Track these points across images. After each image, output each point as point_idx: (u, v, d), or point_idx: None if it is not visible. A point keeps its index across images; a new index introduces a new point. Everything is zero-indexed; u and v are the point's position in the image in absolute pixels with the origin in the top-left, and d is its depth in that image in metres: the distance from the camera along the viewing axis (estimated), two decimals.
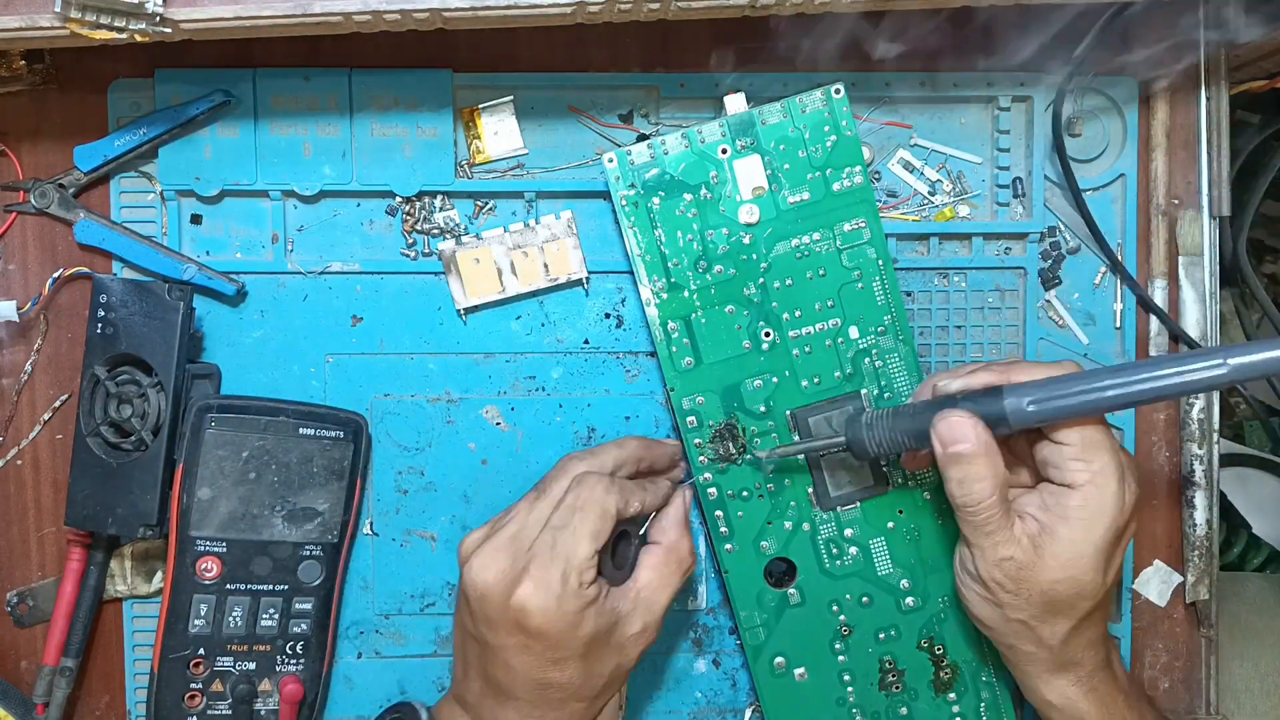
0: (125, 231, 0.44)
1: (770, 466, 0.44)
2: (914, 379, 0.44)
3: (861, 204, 0.43)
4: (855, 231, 0.43)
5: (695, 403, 0.44)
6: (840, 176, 0.43)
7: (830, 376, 0.44)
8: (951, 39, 0.45)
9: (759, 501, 0.44)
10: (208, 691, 0.44)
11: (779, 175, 0.43)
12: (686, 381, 0.44)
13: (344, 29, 0.38)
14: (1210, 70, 0.46)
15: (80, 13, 0.36)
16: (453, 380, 0.46)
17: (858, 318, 0.43)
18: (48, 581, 0.46)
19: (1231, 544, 0.59)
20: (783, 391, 0.44)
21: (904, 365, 0.44)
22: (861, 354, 0.44)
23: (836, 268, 0.43)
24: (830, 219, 0.43)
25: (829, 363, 0.44)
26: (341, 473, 0.44)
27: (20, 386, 0.45)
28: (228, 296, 0.44)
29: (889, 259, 0.43)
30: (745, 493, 0.44)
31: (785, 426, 0.44)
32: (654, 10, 0.38)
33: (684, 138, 0.43)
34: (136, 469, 0.42)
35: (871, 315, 0.43)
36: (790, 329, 0.43)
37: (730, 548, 0.44)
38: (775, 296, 0.43)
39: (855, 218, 0.43)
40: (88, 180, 0.44)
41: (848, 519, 0.44)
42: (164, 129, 0.43)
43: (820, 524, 0.44)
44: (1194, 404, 0.46)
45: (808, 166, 0.43)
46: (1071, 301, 0.46)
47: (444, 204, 0.45)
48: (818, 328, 0.43)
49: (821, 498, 0.44)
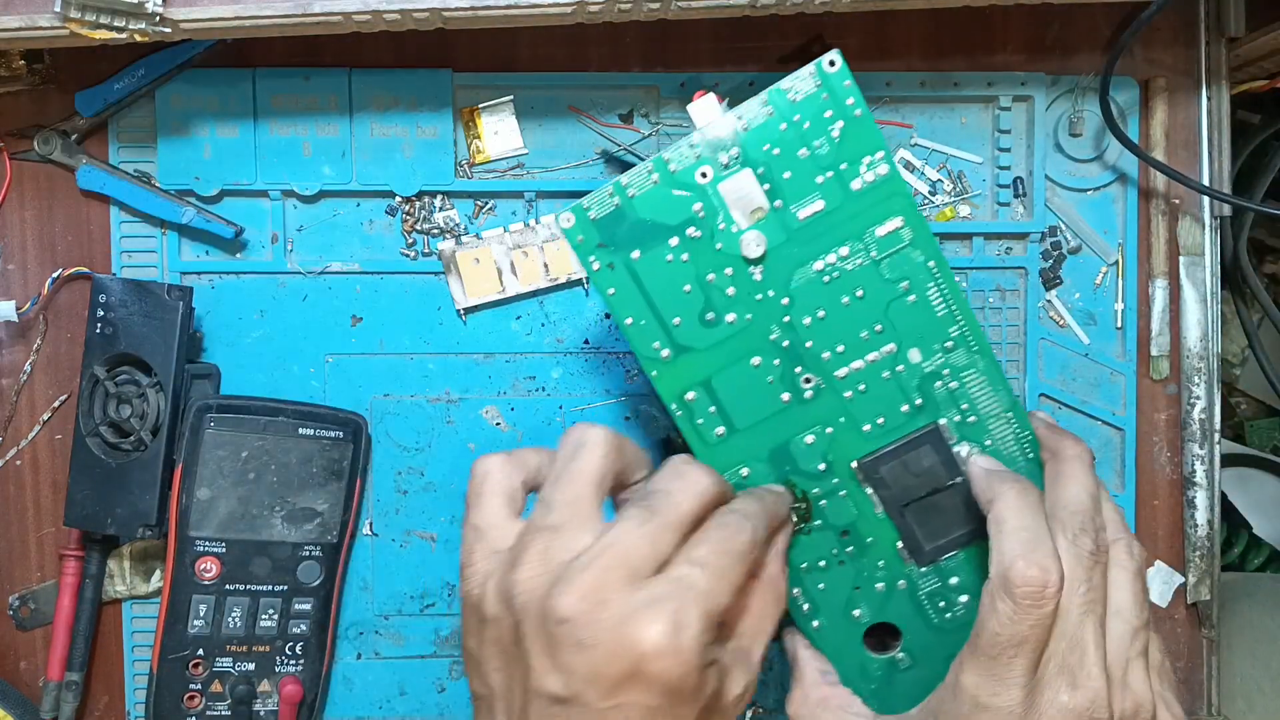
0: (125, 176, 0.44)
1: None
2: (1000, 391, 0.36)
3: (893, 198, 0.35)
4: (892, 234, 0.35)
5: (740, 476, 0.36)
6: (858, 170, 0.34)
7: (897, 413, 0.36)
8: (952, 38, 0.46)
9: (840, 569, 0.37)
10: (207, 692, 0.44)
11: (781, 188, 0.34)
12: (723, 455, 0.36)
13: (344, 29, 0.38)
14: (1210, 70, 0.46)
15: (80, 13, 0.36)
16: (452, 380, 0.46)
17: (917, 337, 0.36)
18: (48, 584, 0.46)
19: (1232, 544, 0.59)
20: (842, 442, 0.36)
21: (986, 379, 0.36)
22: (930, 378, 0.36)
23: (877, 283, 0.35)
24: (857, 226, 0.35)
25: (892, 397, 0.36)
26: (341, 473, 0.44)
27: (19, 387, 0.45)
28: (226, 240, 0.44)
29: (941, 258, 0.35)
30: (822, 563, 0.37)
31: (854, 481, 0.37)
32: (654, 10, 0.38)
33: (649, 170, 0.34)
34: (136, 469, 0.42)
35: (933, 330, 0.36)
36: (834, 368, 0.36)
37: (817, 624, 0.38)
38: (807, 334, 0.35)
39: (889, 217, 0.35)
40: (88, 126, 0.44)
41: (950, 567, 0.37)
42: (163, 69, 0.43)
43: (919, 579, 0.38)
44: (1195, 404, 0.46)
45: (814, 168, 0.34)
46: (1072, 301, 0.46)
47: (444, 204, 0.45)
48: (869, 359, 0.36)
49: (915, 553, 0.37)
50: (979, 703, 0.32)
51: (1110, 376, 0.46)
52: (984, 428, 0.37)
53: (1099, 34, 0.46)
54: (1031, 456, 0.37)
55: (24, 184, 0.45)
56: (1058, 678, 0.32)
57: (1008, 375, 0.46)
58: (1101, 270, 0.46)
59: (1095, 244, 0.46)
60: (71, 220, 0.45)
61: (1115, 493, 0.46)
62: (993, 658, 0.32)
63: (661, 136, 0.45)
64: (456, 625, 0.46)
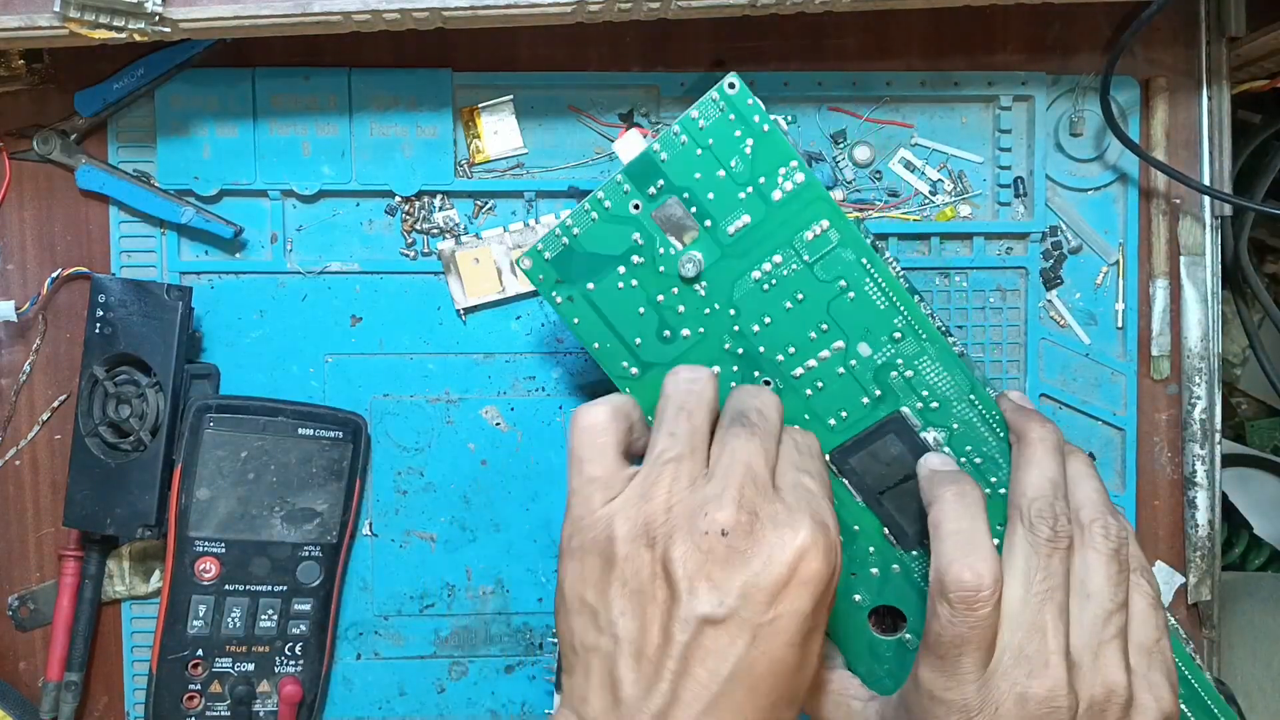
0: (124, 176, 0.44)
1: None
2: (957, 375, 0.37)
3: (814, 204, 0.36)
4: (820, 238, 0.37)
5: None
6: (775, 182, 0.36)
7: (858, 405, 0.38)
8: (952, 38, 0.46)
9: None
10: (206, 692, 0.43)
11: (707, 208, 0.37)
12: None
13: (343, 28, 0.38)
14: (1211, 70, 0.46)
15: (79, 12, 0.36)
16: (452, 380, 0.46)
17: (863, 331, 0.37)
18: (48, 584, 0.46)
19: (1233, 544, 0.59)
20: None
21: (939, 364, 0.37)
22: (883, 370, 0.38)
23: (814, 285, 0.37)
24: (786, 234, 0.37)
25: (850, 392, 0.38)
26: (340, 473, 0.44)
27: (19, 387, 0.45)
28: (225, 240, 0.44)
29: (873, 254, 0.37)
30: None
31: (831, 474, 0.38)
32: (654, 10, 0.38)
33: (587, 209, 0.37)
34: (135, 469, 0.42)
35: (878, 323, 0.37)
36: (790, 369, 0.38)
37: None
38: (758, 340, 0.38)
39: (813, 222, 0.37)
40: (88, 126, 0.44)
41: None
42: (163, 69, 0.43)
43: (911, 562, 0.38)
44: (1196, 404, 0.46)
45: (735, 185, 0.36)
46: (1073, 301, 0.46)
47: (443, 203, 0.45)
48: (820, 358, 0.38)
49: (900, 537, 0.38)
50: (934, 696, 0.32)
51: (1111, 376, 0.46)
52: (948, 412, 0.38)
53: (1099, 34, 0.46)
54: (1003, 436, 0.38)
55: (23, 184, 0.45)
56: (1015, 668, 0.32)
57: (1008, 375, 0.46)
58: (1102, 270, 0.46)
59: (1096, 244, 0.46)
60: (71, 220, 0.45)
61: (1115, 493, 0.46)
62: (940, 656, 0.32)
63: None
64: (456, 625, 0.46)
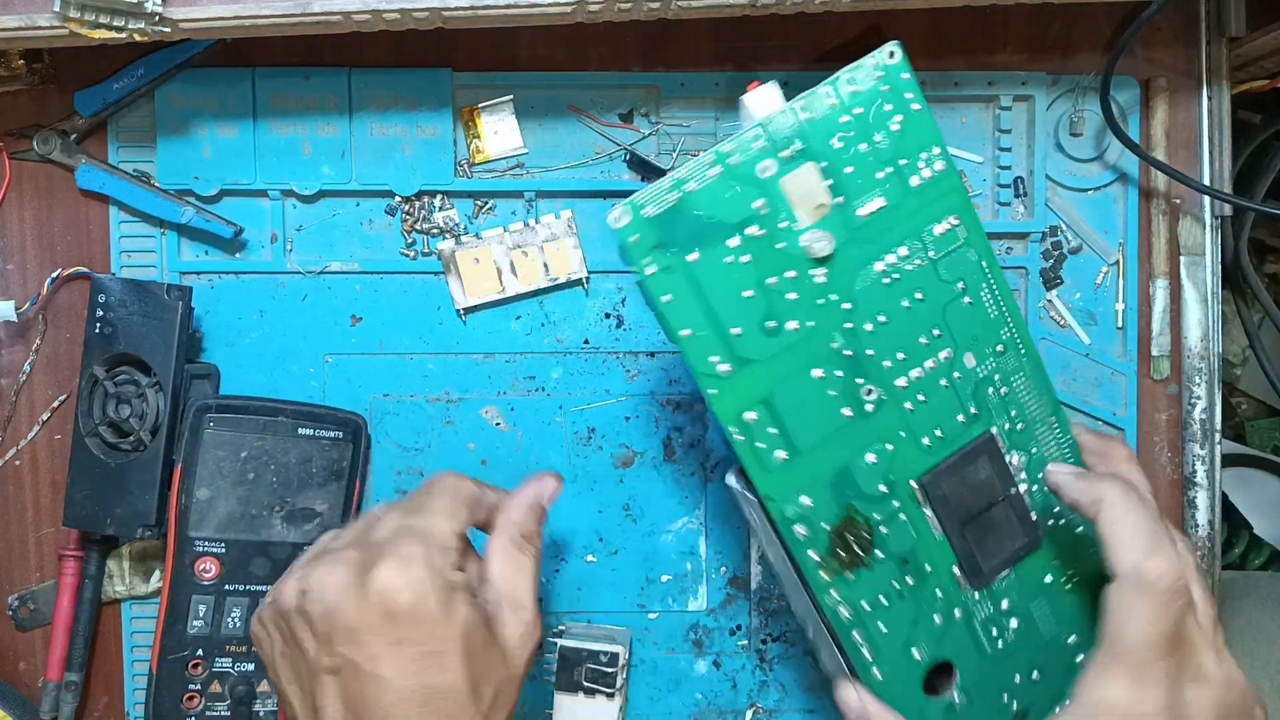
0: (124, 175, 0.44)
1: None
2: (1044, 396, 0.35)
3: (950, 195, 0.33)
4: (949, 233, 0.33)
5: (802, 507, 0.34)
6: (917, 166, 0.33)
7: (953, 424, 0.34)
8: (952, 38, 0.45)
9: (900, 604, 0.35)
10: (206, 692, 0.43)
11: (843, 183, 0.32)
12: (786, 483, 0.33)
13: (343, 28, 0.38)
14: (1211, 70, 0.46)
15: (79, 12, 0.36)
16: (452, 380, 0.46)
17: (970, 341, 0.34)
18: (48, 584, 0.45)
19: (1233, 544, 0.59)
20: (902, 460, 0.34)
21: (1031, 383, 0.35)
22: (983, 384, 0.34)
23: (935, 285, 0.33)
24: (915, 224, 0.33)
25: (949, 407, 0.34)
26: (340, 473, 0.44)
27: (19, 387, 0.45)
28: (225, 240, 0.44)
29: (993, 258, 0.34)
30: (883, 598, 0.35)
31: (914, 502, 0.34)
32: (654, 10, 0.38)
33: (711, 162, 0.31)
34: (135, 469, 0.42)
35: (986, 334, 0.34)
36: (895, 377, 0.34)
37: (879, 674, 0.35)
38: (869, 342, 0.33)
39: (946, 215, 0.33)
40: (88, 126, 0.44)
41: (1001, 590, 0.36)
42: (163, 69, 0.43)
43: (974, 606, 0.35)
44: (1196, 404, 0.46)
45: (875, 163, 0.32)
46: (1073, 301, 0.46)
47: (443, 203, 0.45)
48: (928, 366, 0.34)
49: (972, 575, 0.35)
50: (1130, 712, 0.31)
51: (1111, 376, 0.46)
52: (1031, 434, 0.35)
53: (1099, 34, 0.46)
54: (1071, 461, 0.37)
55: (23, 184, 0.45)
56: (1183, 671, 0.31)
57: None
58: (1102, 270, 0.46)
59: (1096, 244, 0.46)
60: (71, 220, 0.45)
61: None
62: (1139, 663, 0.31)
63: (662, 136, 0.45)
64: None
